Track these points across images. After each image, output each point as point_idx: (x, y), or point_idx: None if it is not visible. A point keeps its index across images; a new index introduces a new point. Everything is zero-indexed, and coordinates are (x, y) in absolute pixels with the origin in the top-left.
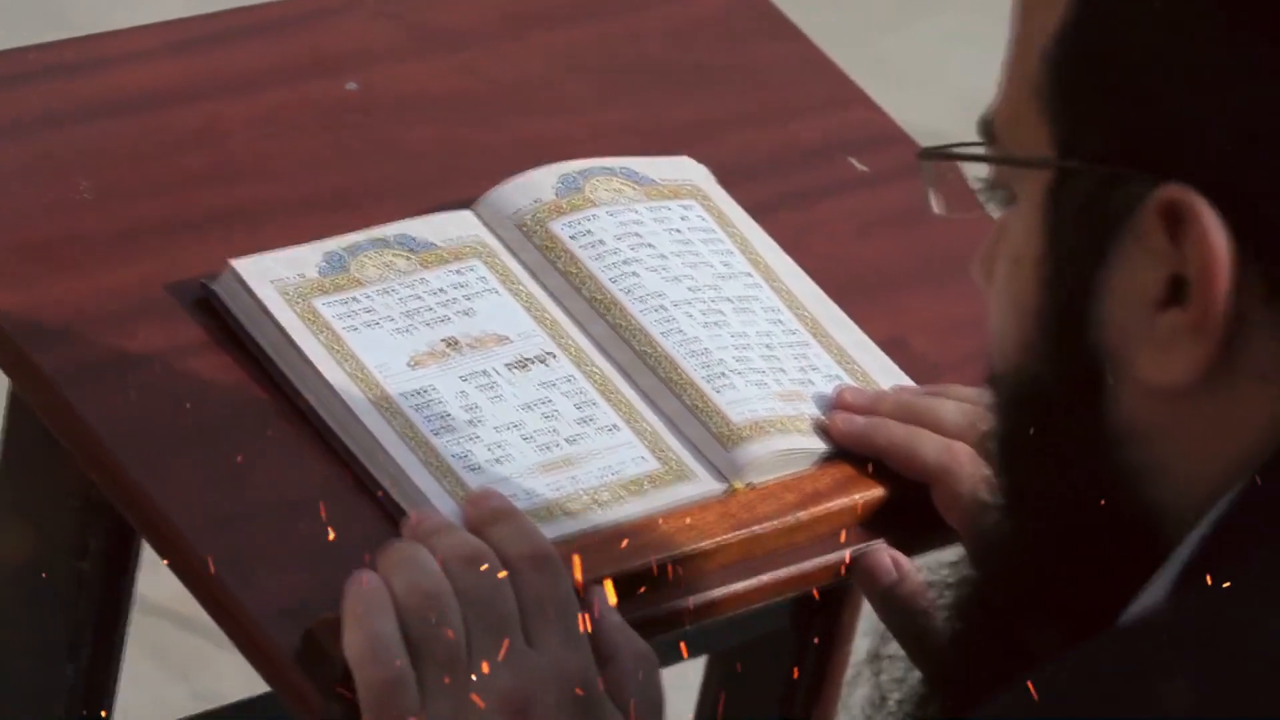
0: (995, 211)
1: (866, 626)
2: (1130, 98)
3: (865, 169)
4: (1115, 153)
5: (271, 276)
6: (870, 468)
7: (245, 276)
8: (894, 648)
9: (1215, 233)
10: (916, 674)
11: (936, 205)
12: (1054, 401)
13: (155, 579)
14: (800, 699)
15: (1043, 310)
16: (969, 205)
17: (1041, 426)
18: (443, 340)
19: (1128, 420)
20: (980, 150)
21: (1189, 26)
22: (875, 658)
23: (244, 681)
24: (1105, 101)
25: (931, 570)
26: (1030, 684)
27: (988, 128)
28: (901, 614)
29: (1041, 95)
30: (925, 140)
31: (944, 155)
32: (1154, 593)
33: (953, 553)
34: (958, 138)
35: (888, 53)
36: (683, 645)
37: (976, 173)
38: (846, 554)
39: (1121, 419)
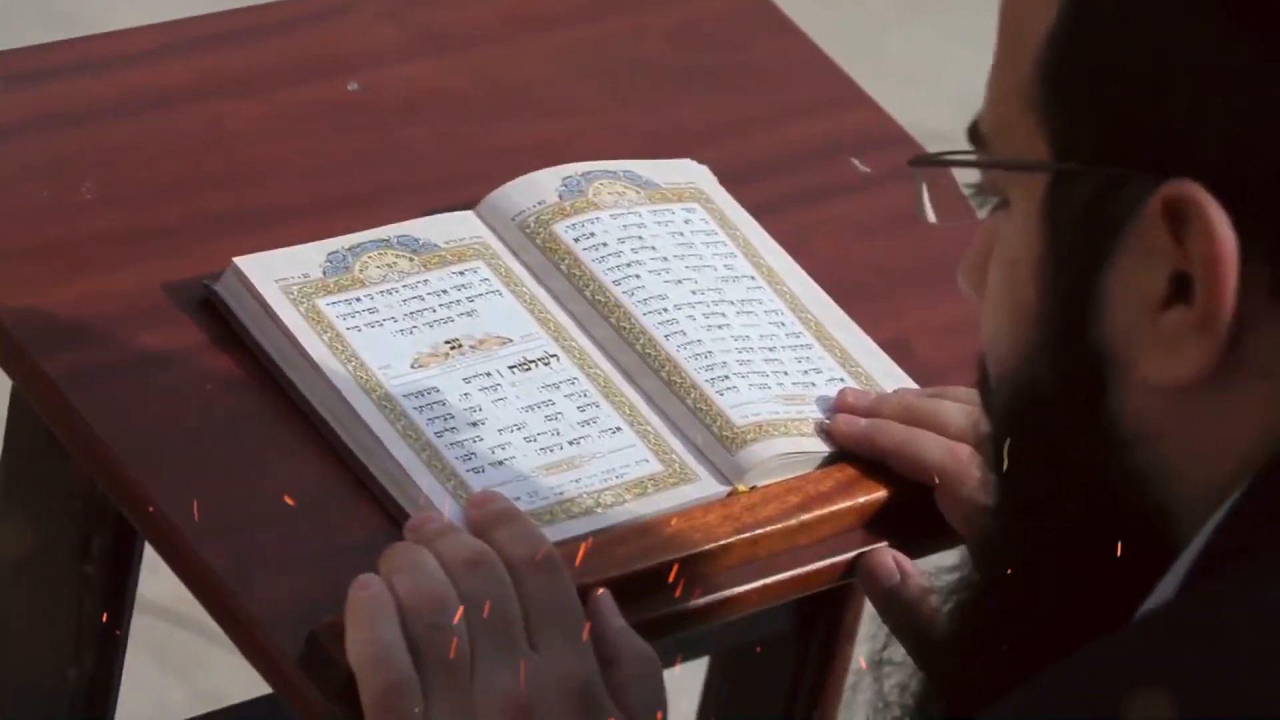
0: (984, 217)
1: (868, 631)
2: (1127, 97)
3: (867, 170)
4: (1114, 153)
5: (275, 275)
6: (873, 470)
7: (249, 275)
8: (896, 652)
9: (1221, 227)
10: (919, 676)
11: (930, 213)
12: (1055, 404)
13: (154, 579)
14: (802, 700)
15: (1043, 312)
16: (960, 213)
17: (1043, 430)
18: (445, 341)
19: (1132, 421)
20: (973, 156)
21: (1187, 24)
22: (878, 663)
23: (244, 681)
24: (1101, 102)
25: (934, 572)
26: (1039, 684)
27: (976, 134)
28: (904, 616)
29: (1034, 99)
30: (925, 140)
31: (936, 161)
32: (1163, 592)
33: (955, 554)
34: (958, 138)
35: (888, 53)
36: (678, 659)
37: (967, 178)
38: (849, 556)
39: (1126, 420)
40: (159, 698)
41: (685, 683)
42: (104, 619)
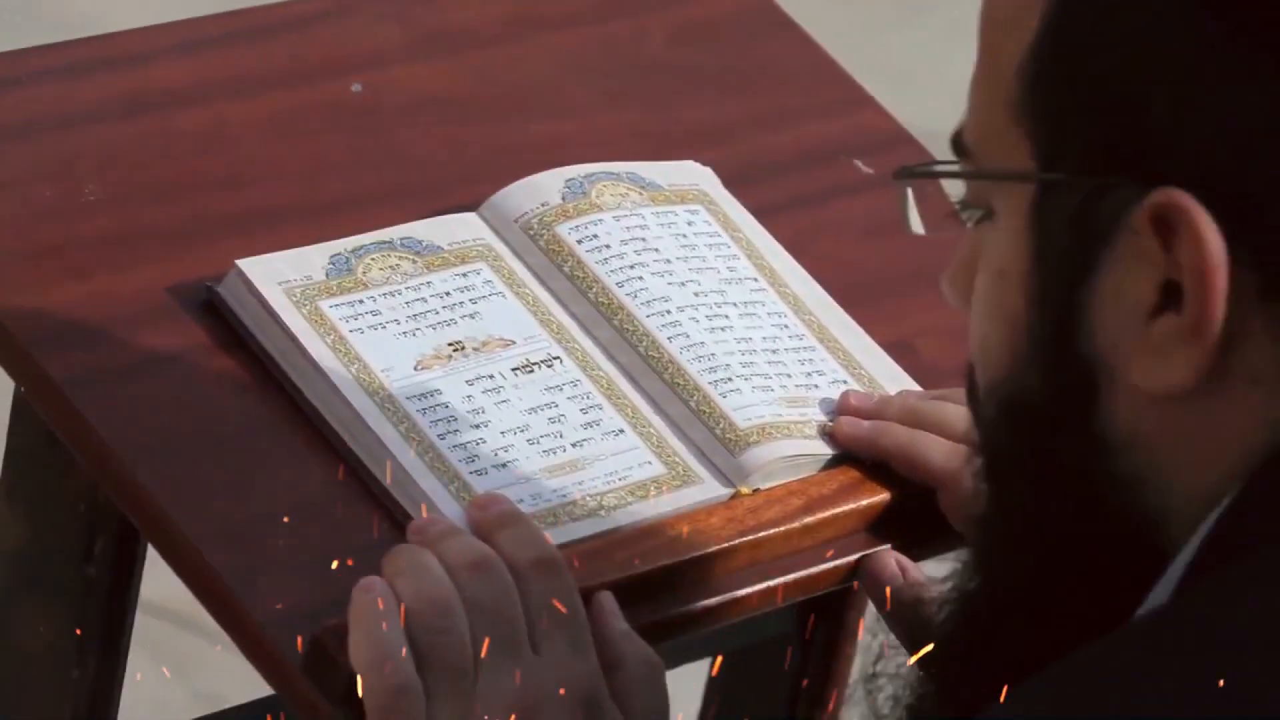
0: (970, 228)
1: (863, 643)
2: (1113, 107)
3: (870, 171)
4: (1100, 162)
5: (278, 278)
6: (876, 472)
7: (252, 277)
8: (888, 664)
9: (1210, 234)
10: (919, 681)
11: (915, 224)
12: (1046, 413)
13: (154, 579)
14: (804, 701)
15: (1032, 323)
16: (948, 223)
17: (1034, 438)
18: (448, 343)
19: (1123, 428)
20: (958, 167)
21: (1170, 32)
22: (870, 676)
23: (243, 681)
24: (1086, 111)
25: (937, 575)
26: (1035, 685)
27: (959, 144)
28: (907, 618)
29: (1018, 109)
30: (925, 141)
31: (921, 174)
32: (1158, 597)
33: (955, 558)
34: None
35: (888, 52)
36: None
37: (953, 190)
38: (852, 559)
39: (1116, 427)
40: (157, 698)
41: (686, 684)
42: (106, 620)
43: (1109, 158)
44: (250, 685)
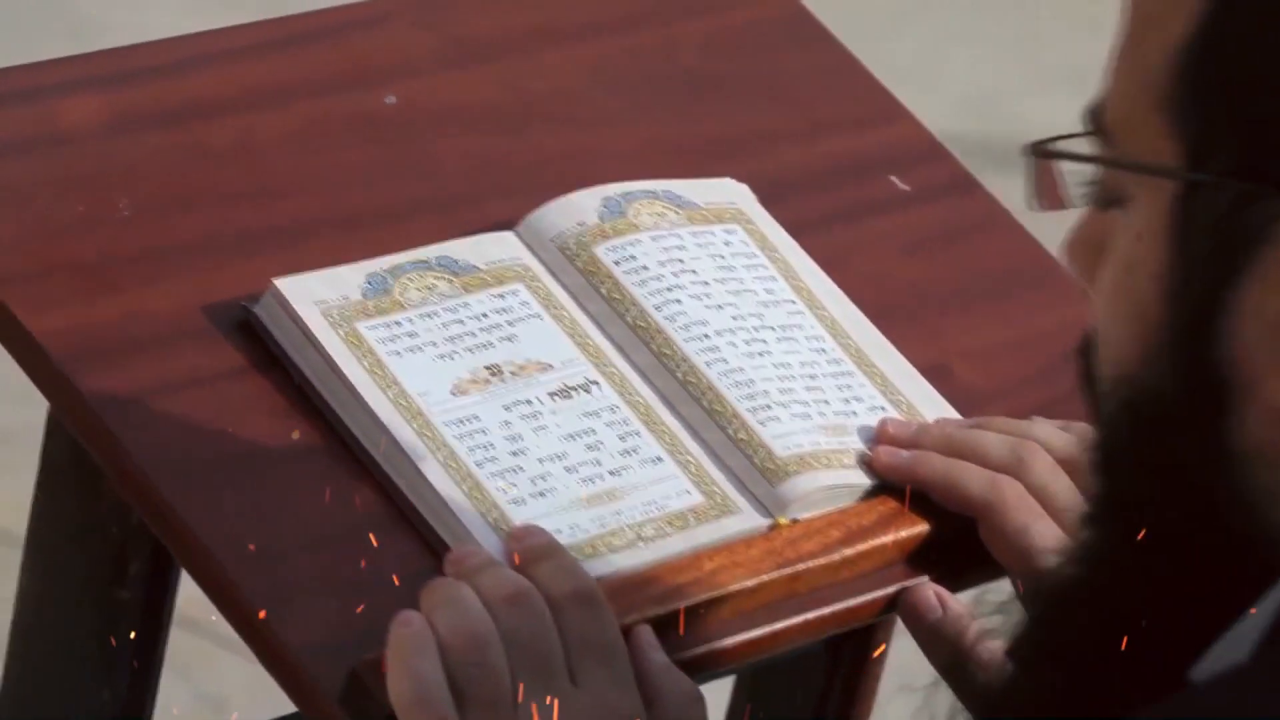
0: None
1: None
2: (1270, 111)
3: (907, 188)
4: (1251, 168)
5: (315, 297)
6: (914, 502)
7: (289, 297)
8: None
9: None
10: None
11: (1039, 202)
12: (1174, 416)
13: None
14: (830, 718)
15: (1166, 323)
16: (1067, 200)
17: (1157, 439)
18: (485, 367)
19: (1252, 443)
20: (1101, 152)
21: None
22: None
23: (247, 684)
24: (1242, 113)
25: (977, 606)
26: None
27: (1097, 121)
28: (946, 651)
29: (1167, 102)
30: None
31: (1060, 154)
32: (1260, 617)
33: (1001, 589)
34: (959, 139)
35: (888, 53)
36: None
37: (1083, 170)
38: (891, 590)
39: (1245, 441)
40: (161, 700)
41: (710, 702)
42: (138, 641)
43: (1262, 164)
44: (253, 688)
